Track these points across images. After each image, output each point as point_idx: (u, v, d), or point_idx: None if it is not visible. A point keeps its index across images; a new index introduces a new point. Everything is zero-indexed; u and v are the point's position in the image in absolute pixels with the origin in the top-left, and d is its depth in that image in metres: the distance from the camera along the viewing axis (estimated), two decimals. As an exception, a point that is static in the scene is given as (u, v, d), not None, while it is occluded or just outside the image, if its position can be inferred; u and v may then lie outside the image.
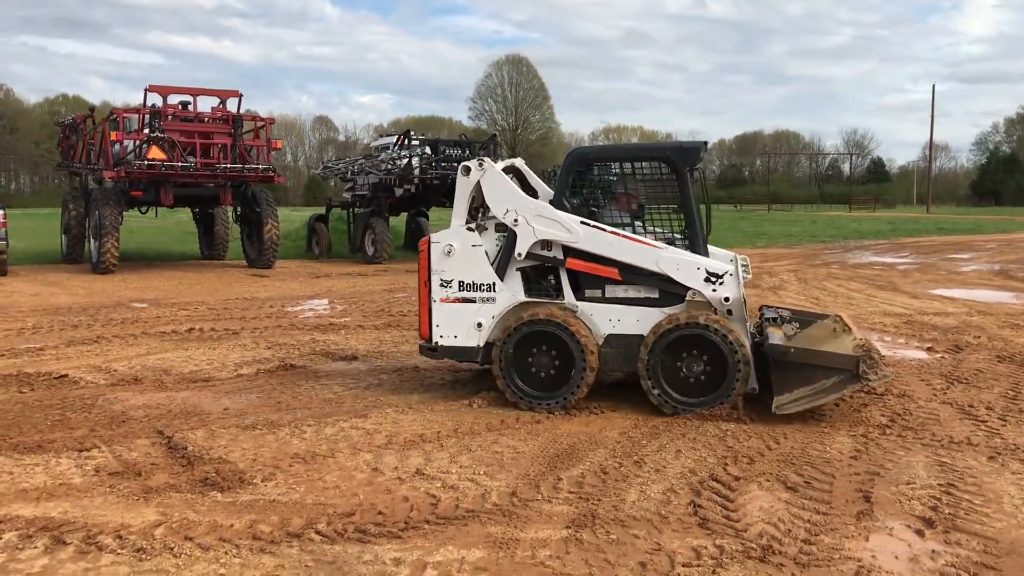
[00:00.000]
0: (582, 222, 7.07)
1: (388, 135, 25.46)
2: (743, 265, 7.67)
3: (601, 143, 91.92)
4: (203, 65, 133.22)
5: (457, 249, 7.35)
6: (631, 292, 7.11)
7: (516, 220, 7.19)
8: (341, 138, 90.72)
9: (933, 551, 4.35)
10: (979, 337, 10.48)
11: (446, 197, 23.33)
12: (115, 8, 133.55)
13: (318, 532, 4.59)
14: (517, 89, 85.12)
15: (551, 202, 7.28)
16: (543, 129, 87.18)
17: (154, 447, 6.11)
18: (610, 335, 7.08)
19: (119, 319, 12.15)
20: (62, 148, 23.63)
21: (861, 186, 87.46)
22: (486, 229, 7.41)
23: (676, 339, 6.82)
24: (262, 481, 5.40)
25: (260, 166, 20.00)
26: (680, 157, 7.05)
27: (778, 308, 8.47)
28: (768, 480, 5.39)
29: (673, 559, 4.26)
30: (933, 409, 7.10)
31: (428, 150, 22.11)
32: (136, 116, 19.21)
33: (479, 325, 7.33)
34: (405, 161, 21.63)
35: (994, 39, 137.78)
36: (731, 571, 4.12)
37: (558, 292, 7.27)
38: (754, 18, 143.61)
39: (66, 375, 8.44)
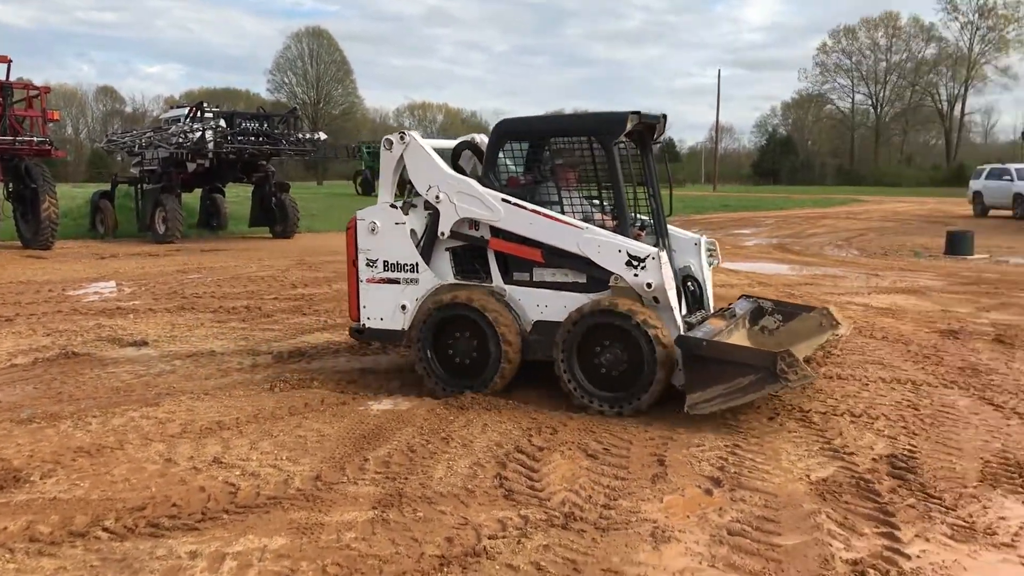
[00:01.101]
0: (503, 199, 6.58)
1: (179, 107, 24.14)
2: (709, 249, 7.36)
3: (411, 117, 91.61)
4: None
5: (381, 227, 6.96)
6: (559, 276, 6.61)
7: (438, 197, 6.75)
8: (128, 110, 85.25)
9: (720, 508, 4.63)
10: (759, 306, 11.23)
11: (243, 172, 22.50)
12: None
13: (105, 529, 4.30)
14: (318, 62, 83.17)
15: (479, 178, 6.83)
16: (346, 104, 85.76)
17: (-88, 448, 5.52)
18: (538, 321, 6.61)
19: None
20: None
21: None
22: (414, 207, 6.98)
23: (592, 327, 6.28)
24: (41, 478, 4.99)
25: (35, 138, 18.52)
26: (602, 129, 6.56)
27: (759, 299, 7.97)
28: (570, 449, 5.55)
29: (479, 532, 4.30)
30: (719, 375, 7.54)
31: (223, 123, 21.16)
32: None
33: (403, 307, 6.97)
34: (198, 134, 20.59)
35: (770, 28, 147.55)
36: (535, 540, 4.22)
37: (488, 275, 6.86)
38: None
39: None
